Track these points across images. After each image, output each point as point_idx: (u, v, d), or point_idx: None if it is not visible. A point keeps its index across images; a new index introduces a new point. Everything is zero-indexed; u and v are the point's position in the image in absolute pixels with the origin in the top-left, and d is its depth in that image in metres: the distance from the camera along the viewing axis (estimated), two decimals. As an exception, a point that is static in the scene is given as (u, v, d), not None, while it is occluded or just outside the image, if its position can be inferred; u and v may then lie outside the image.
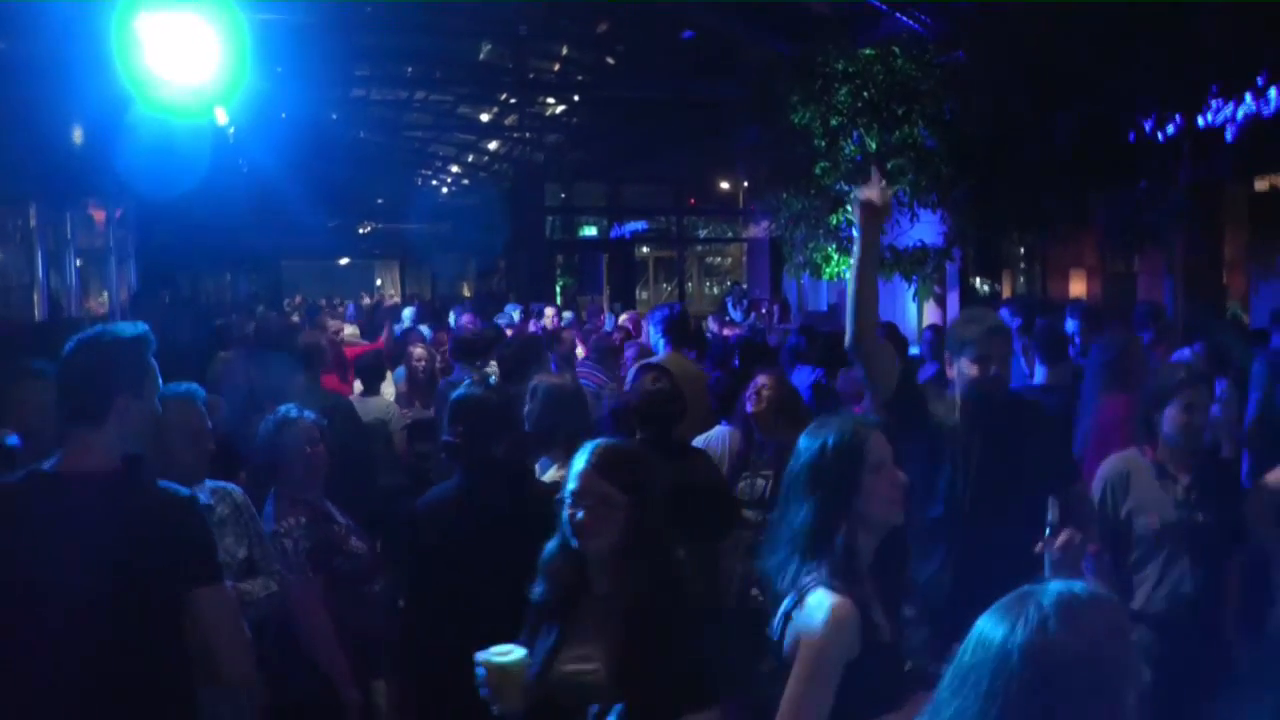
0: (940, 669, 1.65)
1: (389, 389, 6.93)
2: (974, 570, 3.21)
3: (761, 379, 4.95)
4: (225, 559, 3.15)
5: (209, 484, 3.34)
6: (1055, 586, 1.56)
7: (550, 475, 4.08)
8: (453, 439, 3.49)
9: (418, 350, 7.10)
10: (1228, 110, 7.77)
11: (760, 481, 4.67)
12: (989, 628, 1.56)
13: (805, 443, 2.51)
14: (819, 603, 2.30)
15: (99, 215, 13.14)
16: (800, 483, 2.47)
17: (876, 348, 3.34)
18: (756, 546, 2.73)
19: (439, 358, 7.49)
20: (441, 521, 3.43)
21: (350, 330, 8.77)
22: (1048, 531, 3.02)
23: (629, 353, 7.12)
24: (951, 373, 3.52)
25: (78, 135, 9.08)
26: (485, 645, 2.59)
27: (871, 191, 3.10)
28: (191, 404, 3.30)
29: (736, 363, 6.73)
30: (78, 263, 12.80)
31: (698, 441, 5.00)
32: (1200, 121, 7.95)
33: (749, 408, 4.86)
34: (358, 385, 6.71)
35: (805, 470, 2.47)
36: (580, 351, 7.95)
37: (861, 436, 2.46)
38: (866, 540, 2.43)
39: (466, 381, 3.90)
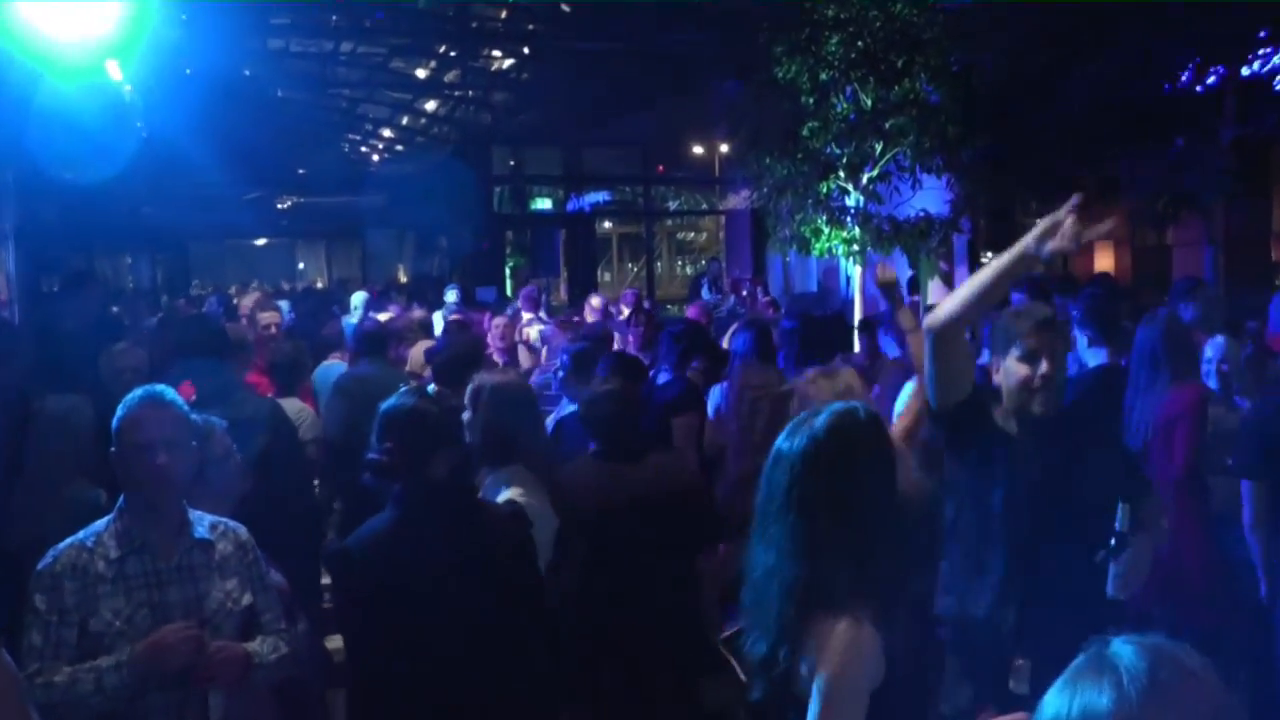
0: None
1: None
2: (1032, 605, 3.18)
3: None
4: (228, 606, 3.13)
5: (208, 518, 3.23)
6: (1138, 650, 1.41)
7: (508, 495, 3.98)
8: (380, 456, 3.34)
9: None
10: (1278, 58, 7.74)
11: None
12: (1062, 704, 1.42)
13: (788, 443, 2.49)
14: (836, 628, 2.28)
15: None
16: (790, 488, 2.44)
17: (963, 344, 3.25)
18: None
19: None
20: (381, 564, 3.26)
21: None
22: (1113, 543, 2.99)
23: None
24: (997, 375, 3.44)
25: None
26: (446, 701, 2.49)
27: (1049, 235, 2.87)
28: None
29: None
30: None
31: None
32: (1245, 71, 7.91)
33: None
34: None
35: (795, 473, 2.44)
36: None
37: (860, 427, 2.46)
38: (882, 551, 2.40)
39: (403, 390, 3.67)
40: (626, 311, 10.08)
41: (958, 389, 3.22)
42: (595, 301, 10.61)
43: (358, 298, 12.17)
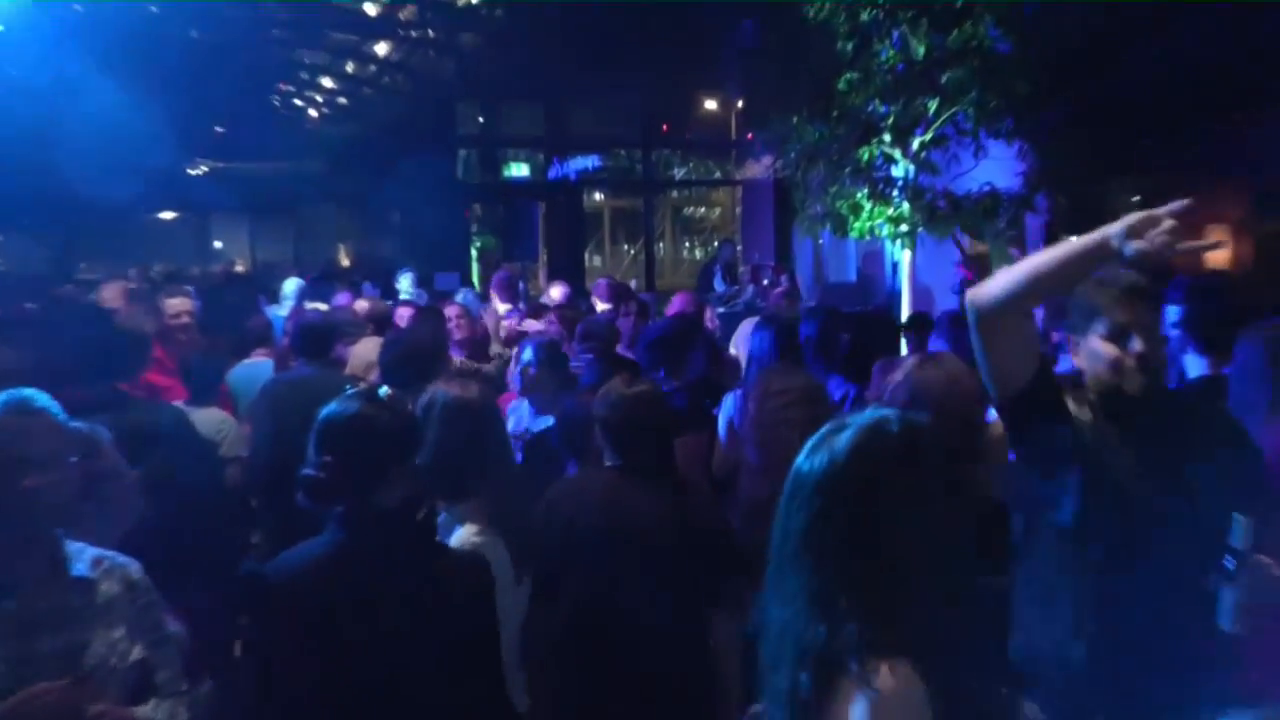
0: None
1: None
2: (1118, 634, 3.23)
3: None
4: (112, 661, 3.12)
5: (90, 551, 3.23)
6: None
7: (461, 536, 3.99)
8: (317, 473, 3.30)
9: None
10: None
11: None
12: None
13: (807, 462, 2.48)
14: (868, 675, 2.28)
15: None
16: (807, 527, 2.43)
17: (1022, 323, 3.30)
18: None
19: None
20: (311, 599, 3.20)
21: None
22: (1229, 564, 2.97)
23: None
24: (1078, 359, 3.49)
25: None
26: None
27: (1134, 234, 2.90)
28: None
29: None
30: None
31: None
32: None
33: None
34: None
35: (814, 506, 2.43)
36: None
37: (890, 443, 2.44)
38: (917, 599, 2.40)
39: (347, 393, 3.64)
40: (601, 305, 9.95)
41: (1015, 375, 3.30)
42: (555, 293, 10.58)
43: (290, 285, 12.19)
